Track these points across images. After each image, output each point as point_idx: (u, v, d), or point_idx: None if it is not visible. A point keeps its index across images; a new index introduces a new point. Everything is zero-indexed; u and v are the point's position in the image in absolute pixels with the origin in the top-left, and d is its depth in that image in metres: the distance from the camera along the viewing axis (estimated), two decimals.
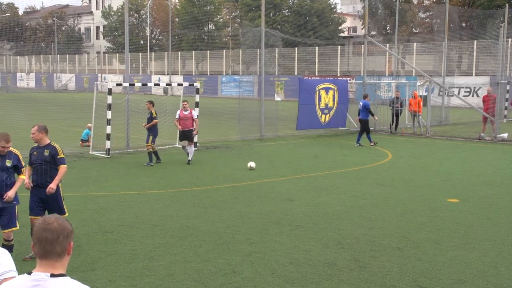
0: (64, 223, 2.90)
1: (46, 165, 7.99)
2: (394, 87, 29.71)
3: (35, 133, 8.06)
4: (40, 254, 2.84)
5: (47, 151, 8.02)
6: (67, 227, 2.89)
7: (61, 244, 2.84)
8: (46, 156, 7.99)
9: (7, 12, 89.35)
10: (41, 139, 8.06)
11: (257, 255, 8.01)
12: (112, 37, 78.88)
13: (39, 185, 8.00)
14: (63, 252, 2.86)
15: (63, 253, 2.86)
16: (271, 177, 14.32)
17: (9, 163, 7.57)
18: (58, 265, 2.85)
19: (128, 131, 19.11)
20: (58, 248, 2.84)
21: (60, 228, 2.86)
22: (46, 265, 2.84)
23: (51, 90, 67.52)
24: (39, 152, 8.05)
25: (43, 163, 7.97)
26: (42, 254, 2.84)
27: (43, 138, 8.06)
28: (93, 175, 14.32)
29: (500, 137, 22.30)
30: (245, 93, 40.98)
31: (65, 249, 2.86)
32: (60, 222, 2.88)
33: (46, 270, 2.81)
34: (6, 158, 7.55)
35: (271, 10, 65.36)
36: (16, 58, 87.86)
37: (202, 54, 66.38)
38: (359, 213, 10.54)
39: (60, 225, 2.87)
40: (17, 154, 7.71)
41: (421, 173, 15.05)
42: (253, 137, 22.82)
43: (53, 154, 8.01)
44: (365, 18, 28.92)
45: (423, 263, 7.76)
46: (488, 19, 45.78)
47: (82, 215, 10.22)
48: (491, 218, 10.23)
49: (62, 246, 2.85)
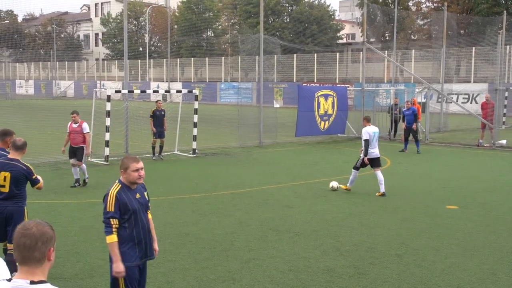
0: (44, 229, 2.80)
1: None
2: (392, 94, 29.75)
3: None
4: (19, 260, 2.76)
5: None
6: (47, 233, 2.80)
7: (40, 250, 2.76)
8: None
9: (6, 19, 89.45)
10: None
11: (256, 262, 8.00)
12: (111, 44, 78.95)
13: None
14: (43, 258, 2.78)
15: (43, 259, 2.78)
16: (270, 184, 14.31)
17: None
18: (38, 271, 2.77)
19: (127, 138, 19.11)
20: (37, 254, 2.75)
21: (39, 233, 2.77)
22: (26, 271, 2.76)
23: (50, 97, 67.52)
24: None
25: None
26: (21, 260, 2.76)
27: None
28: (92, 182, 14.30)
29: (498, 144, 22.31)
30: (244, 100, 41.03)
31: (44, 255, 2.78)
32: (39, 228, 2.79)
33: (26, 277, 2.73)
34: None
35: (270, 17, 65.54)
36: (15, 65, 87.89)
37: (201, 61, 66.46)
38: (358, 220, 10.53)
39: (39, 231, 2.78)
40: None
41: (420, 180, 15.05)
42: (252, 144, 22.82)
43: None
44: (363, 25, 29.01)
45: (422, 270, 7.76)
46: (486, 26, 45.89)
47: (81, 222, 10.20)
48: (490, 225, 10.23)
49: (41, 252, 2.76)
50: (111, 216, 5.27)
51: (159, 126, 18.25)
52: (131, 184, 5.51)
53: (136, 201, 5.45)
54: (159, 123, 18.24)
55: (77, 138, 13.74)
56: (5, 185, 7.16)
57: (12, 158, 7.33)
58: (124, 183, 5.50)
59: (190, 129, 20.00)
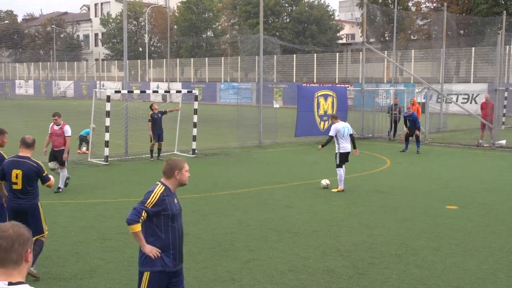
0: (20, 230, 2.79)
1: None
2: (392, 94, 29.75)
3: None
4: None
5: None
6: (23, 234, 2.79)
7: (17, 251, 2.75)
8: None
9: (5, 19, 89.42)
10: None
11: (256, 262, 8.00)
12: (111, 44, 78.94)
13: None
14: (20, 259, 2.76)
15: (20, 261, 2.77)
16: (270, 184, 14.31)
17: None
18: (15, 273, 2.76)
19: (127, 138, 19.10)
20: (14, 256, 2.74)
21: (15, 235, 2.76)
22: (3, 273, 2.74)
23: (50, 97, 67.52)
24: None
25: None
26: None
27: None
28: (92, 183, 14.30)
29: (498, 144, 22.32)
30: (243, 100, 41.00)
31: (21, 256, 2.77)
32: (16, 229, 2.78)
33: (4, 279, 2.72)
34: None
35: (269, 17, 65.52)
36: (14, 65, 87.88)
37: (200, 61, 66.47)
38: (358, 220, 10.53)
39: (15, 232, 2.77)
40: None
41: (420, 180, 15.05)
42: (252, 144, 22.81)
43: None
44: (363, 25, 29.01)
45: (422, 270, 7.76)
46: (486, 26, 45.90)
47: (80, 223, 10.20)
48: (490, 225, 10.23)
49: (18, 253, 2.75)
50: (145, 209, 5.25)
51: (157, 129, 18.21)
52: (176, 187, 5.53)
53: (175, 206, 5.47)
54: (158, 126, 18.22)
55: (57, 140, 13.14)
56: (17, 183, 7.36)
57: (23, 155, 7.53)
58: (168, 185, 5.48)
59: (190, 129, 20.00)
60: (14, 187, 7.37)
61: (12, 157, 7.56)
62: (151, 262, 5.22)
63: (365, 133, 25.96)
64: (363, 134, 25.87)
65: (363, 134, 25.87)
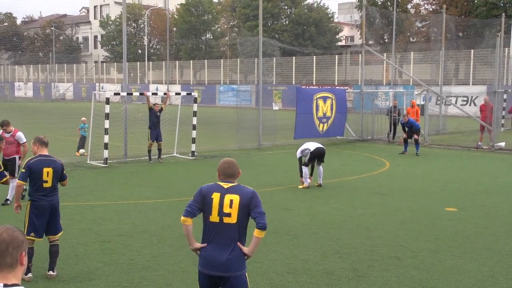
0: (15, 233, 2.80)
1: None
2: (391, 96, 29.76)
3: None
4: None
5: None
6: (17, 237, 2.79)
7: (12, 255, 2.75)
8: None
9: (5, 21, 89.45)
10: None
11: (255, 264, 7.99)
12: (110, 46, 78.94)
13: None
14: (15, 263, 2.77)
15: (15, 264, 2.77)
16: (269, 186, 14.31)
17: None
18: (11, 276, 2.76)
19: (126, 140, 19.10)
20: (9, 259, 2.75)
21: (9, 238, 2.76)
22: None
23: (49, 100, 67.52)
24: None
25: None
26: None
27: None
28: (91, 185, 14.29)
29: (497, 146, 22.33)
30: (243, 102, 41.09)
31: (16, 260, 2.77)
32: (10, 233, 2.78)
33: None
34: None
35: (269, 19, 65.54)
36: (14, 67, 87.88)
37: (200, 63, 66.49)
38: (357, 222, 10.53)
39: (10, 236, 2.77)
40: None
41: (419, 182, 15.06)
42: (251, 146, 22.81)
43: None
44: (362, 27, 29.02)
45: (421, 272, 7.75)
46: (485, 28, 45.98)
47: (79, 225, 10.19)
48: (489, 227, 10.23)
49: (12, 257, 2.75)
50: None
51: (156, 130, 18.32)
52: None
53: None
54: (156, 126, 18.32)
55: (9, 148, 12.02)
56: (48, 180, 7.55)
57: (46, 154, 7.74)
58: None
59: (189, 132, 20.00)
60: (45, 185, 7.53)
61: (37, 157, 7.65)
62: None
63: (364, 135, 25.98)
64: (362, 136, 25.88)
65: (362, 136, 25.88)
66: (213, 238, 5.12)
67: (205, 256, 5.11)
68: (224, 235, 5.06)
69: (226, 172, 5.28)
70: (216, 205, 5.08)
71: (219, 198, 5.10)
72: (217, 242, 5.08)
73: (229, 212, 5.03)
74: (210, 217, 5.11)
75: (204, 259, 5.11)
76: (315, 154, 14.01)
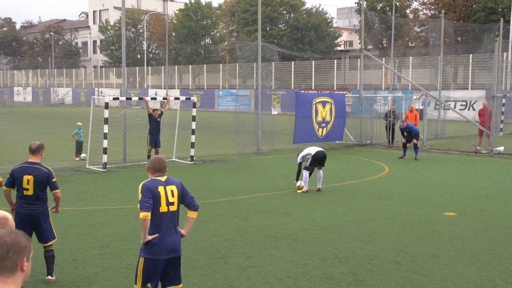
0: (17, 238, 2.78)
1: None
2: (390, 101, 29.79)
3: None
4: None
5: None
6: (20, 242, 2.78)
7: (11, 259, 2.74)
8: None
9: (4, 26, 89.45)
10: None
11: (254, 269, 7.98)
12: (109, 51, 78.98)
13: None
14: (14, 267, 2.75)
15: (15, 269, 2.76)
16: (268, 191, 14.31)
17: None
18: (10, 281, 2.75)
19: (125, 145, 19.10)
20: (8, 263, 2.73)
21: (11, 242, 2.75)
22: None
23: (48, 104, 67.52)
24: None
25: None
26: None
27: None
28: (90, 189, 14.28)
29: (496, 151, 22.35)
30: (242, 107, 40.99)
31: (16, 265, 2.75)
32: (12, 237, 2.78)
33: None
34: None
35: (267, 24, 65.65)
36: (13, 72, 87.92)
37: (199, 68, 66.54)
38: (356, 227, 10.52)
39: (12, 239, 2.76)
40: None
41: (418, 187, 15.06)
42: (250, 150, 22.81)
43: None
44: (361, 32, 29.07)
45: (420, 277, 7.75)
46: (483, 33, 46.06)
47: (78, 230, 10.18)
48: (488, 232, 10.23)
49: (12, 261, 2.74)
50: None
51: (155, 135, 18.34)
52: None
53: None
54: (155, 131, 18.36)
55: None
56: (29, 188, 7.38)
57: (33, 161, 7.54)
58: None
59: (188, 136, 20.00)
60: (26, 193, 7.38)
61: (22, 164, 7.57)
62: None
63: (363, 140, 25.98)
64: (361, 140, 25.89)
65: (361, 140, 25.89)
66: (162, 226, 5.81)
67: (159, 244, 5.76)
68: (170, 222, 5.88)
69: (157, 167, 6.00)
70: (163, 196, 5.83)
71: (164, 190, 5.85)
72: (166, 229, 5.82)
73: (173, 201, 5.89)
74: (160, 208, 5.80)
75: (158, 246, 5.76)
76: (316, 157, 14.03)
